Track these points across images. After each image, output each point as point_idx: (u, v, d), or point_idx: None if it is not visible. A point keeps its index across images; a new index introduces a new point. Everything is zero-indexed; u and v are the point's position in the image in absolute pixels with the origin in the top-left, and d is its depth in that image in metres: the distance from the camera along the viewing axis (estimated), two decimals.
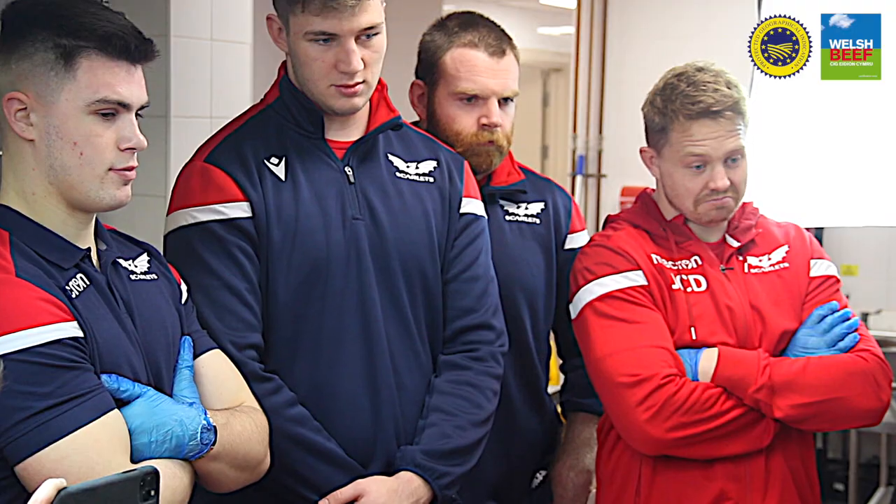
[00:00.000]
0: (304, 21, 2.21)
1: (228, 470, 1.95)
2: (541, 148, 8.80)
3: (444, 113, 2.60)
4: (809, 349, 2.47)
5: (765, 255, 2.56)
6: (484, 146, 2.58)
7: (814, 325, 2.50)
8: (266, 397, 2.16)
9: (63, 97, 1.82)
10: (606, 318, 2.45)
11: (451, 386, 2.35)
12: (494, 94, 2.58)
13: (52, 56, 1.82)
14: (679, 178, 2.49)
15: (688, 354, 2.43)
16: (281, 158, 2.30)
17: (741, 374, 2.38)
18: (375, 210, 2.32)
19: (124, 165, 1.87)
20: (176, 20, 3.15)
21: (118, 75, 1.85)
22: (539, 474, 2.77)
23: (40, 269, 1.80)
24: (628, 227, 2.56)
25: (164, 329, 1.97)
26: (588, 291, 2.49)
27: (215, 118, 3.22)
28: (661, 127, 2.49)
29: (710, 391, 2.38)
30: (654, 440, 2.37)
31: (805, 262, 2.57)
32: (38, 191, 1.86)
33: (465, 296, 2.40)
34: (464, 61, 2.58)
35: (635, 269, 2.47)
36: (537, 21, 8.14)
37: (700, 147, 2.43)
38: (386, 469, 2.28)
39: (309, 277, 2.26)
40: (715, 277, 2.50)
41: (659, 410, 2.35)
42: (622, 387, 2.38)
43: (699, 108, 2.42)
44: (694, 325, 2.45)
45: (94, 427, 1.74)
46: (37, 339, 1.71)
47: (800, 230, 2.64)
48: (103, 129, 1.84)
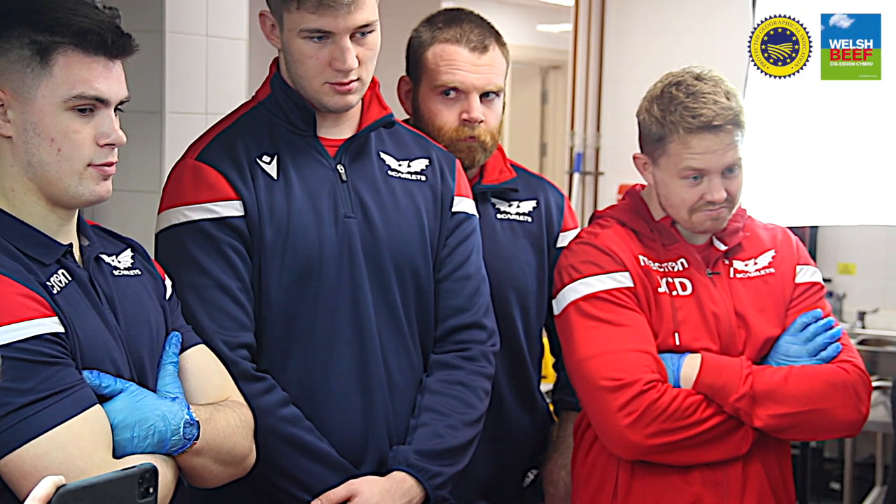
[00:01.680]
0: (299, 18, 2.20)
1: (212, 465, 1.94)
2: (539, 145, 8.79)
3: (427, 108, 2.59)
4: (791, 357, 2.45)
5: (751, 259, 2.54)
6: (465, 142, 2.57)
7: (796, 332, 2.48)
8: (258, 397, 2.15)
9: (40, 93, 1.81)
10: (590, 319, 2.43)
11: (443, 385, 2.34)
12: (475, 89, 2.56)
13: (27, 52, 1.81)
14: (675, 188, 2.46)
15: (670, 359, 2.41)
16: (273, 156, 2.29)
17: (723, 383, 2.37)
18: (368, 208, 2.31)
19: (103, 161, 1.86)
20: (171, 16, 3.14)
21: (95, 71, 1.83)
22: (530, 473, 2.77)
23: (21, 264, 1.79)
24: (616, 226, 2.54)
25: (147, 325, 1.96)
26: (573, 290, 2.47)
27: (210, 114, 3.21)
28: (658, 137, 2.45)
29: (692, 398, 2.37)
30: (634, 445, 2.36)
31: (791, 268, 2.55)
32: (17, 187, 1.85)
33: (457, 295, 2.39)
34: (444, 56, 2.57)
35: (622, 269, 2.45)
36: (536, 18, 8.13)
37: (699, 161, 2.41)
38: (378, 469, 2.27)
39: (301, 276, 2.25)
40: (701, 282, 2.48)
41: (640, 416, 2.33)
42: (604, 390, 2.37)
43: (699, 122, 2.39)
44: (678, 330, 2.43)
45: (75, 423, 1.73)
46: (17, 334, 1.70)
47: (787, 234, 2.62)
48: (81, 125, 1.83)
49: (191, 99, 3.23)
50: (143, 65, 2.95)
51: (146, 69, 3.09)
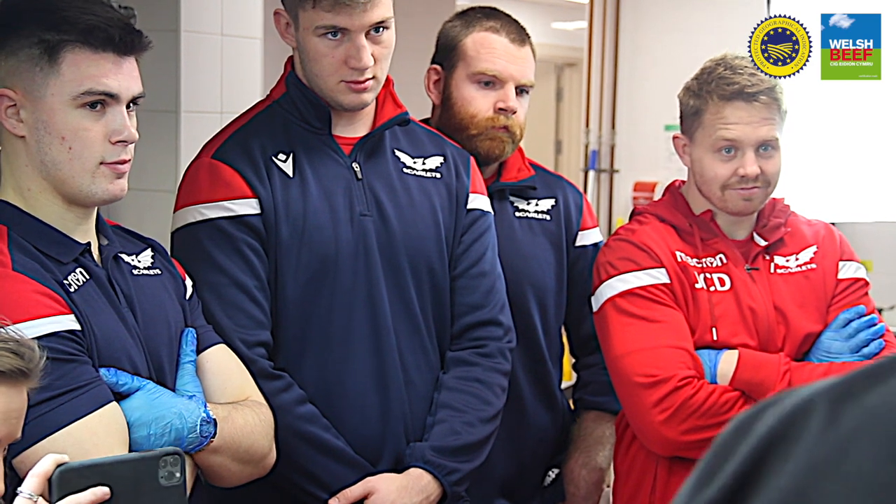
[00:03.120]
0: (315, 16, 2.20)
1: (230, 463, 1.94)
2: (554, 143, 8.78)
3: (461, 95, 2.58)
4: (832, 354, 2.43)
5: (792, 254, 2.52)
6: (498, 131, 2.56)
7: (838, 328, 2.46)
8: (276, 395, 2.15)
9: (49, 92, 1.82)
10: (627, 316, 2.42)
11: (460, 382, 2.34)
12: (512, 79, 2.56)
13: (36, 51, 1.81)
14: (709, 162, 2.45)
15: (707, 355, 2.40)
16: (288, 155, 2.29)
17: (760, 379, 2.35)
18: (383, 206, 2.31)
19: (116, 159, 1.86)
20: (186, 15, 3.15)
21: (103, 67, 1.83)
22: (551, 472, 2.76)
23: (38, 263, 1.80)
24: (654, 222, 2.53)
25: (166, 323, 1.96)
26: (610, 287, 2.46)
27: (225, 113, 3.21)
28: (695, 110, 2.46)
29: (728, 395, 2.35)
30: (669, 441, 2.35)
31: (833, 264, 2.53)
32: (33, 186, 1.86)
33: (473, 292, 2.39)
34: (485, 44, 2.57)
35: (658, 266, 2.44)
36: (551, 16, 8.12)
37: (732, 130, 2.40)
38: (395, 466, 2.27)
39: (317, 274, 2.25)
40: (739, 277, 2.46)
41: (675, 412, 2.33)
42: (639, 387, 2.36)
43: (734, 89, 2.40)
44: (715, 326, 2.42)
45: (91, 419, 1.74)
46: (33, 331, 1.70)
47: (830, 230, 2.60)
48: (92, 123, 1.83)
49: (206, 98, 3.24)
50: (158, 64, 2.95)
51: (161, 68, 3.09)
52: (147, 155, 2.83)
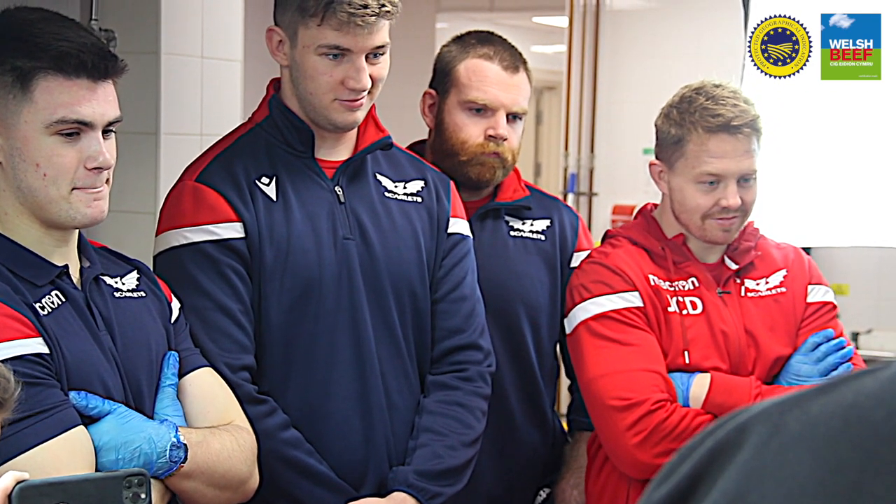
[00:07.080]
0: (319, 34, 2.20)
1: (205, 488, 1.92)
2: (534, 165, 8.80)
3: (453, 121, 2.59)
4: (802, 377, 2.45)
5: (763, 278, 2.54)
6: (488, 156, 2.58)
7: (807, 352, 2.48)
8: (260, 420, 2.14)
9: (23, 119, 1.81)
10: (600, 339, 2.43)
11: (441, 406, 2.34)
12: (504, 107, 2.58)
13: (9, 79, 1.80)
14: (690, 193, 2.46)
15: (680, 379, 2.41)
16: (272, 178, 2.29)
17: (732, 402, 2.36)
18: (366, 230, 2.31)
19: (90, 185, 1.84)
20: (166, 37, 3.14)
21: (77, 94, 1.82)
22: (542, 492, 2.76)
23: (10, 285, 1.78)
24: (627, 245, 2.54)
25: (147, 346, 1.95)
26: (583, 310, 2.48)
27: (206, 135, 3.21)
28: (676, 139, 2.46)
29: (700, 418, 2.37)
30: (642, 464, 2.36)
31: (802, 288, 2.55)
32: (10, 211, 1.85)
33: (454, 316, 2.39)
34: (477, 71, 2.59)
35: (632, 289, 2.45)
36: (530, 39, 8.14)
37: (717, 164, 2.42)
38: (378, 490, 2.27)
39: (301, 298, 2.25)
40: (711, 301, 2.48)
41: (648, 435, 2.33)
42: (613, 410, 2.37)
43: (719, 122, 2.40)
44: (688, 349, 2.43)
45: (54, 443, 1.72)
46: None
47: (799, 253, 2.62)
48: (66, 150, 1.82)
49: (186, 120, 3.23)
50: (138, 86, 2.94)
51: (141, 90, 3.08)
52: (127, 177, 2.82)
